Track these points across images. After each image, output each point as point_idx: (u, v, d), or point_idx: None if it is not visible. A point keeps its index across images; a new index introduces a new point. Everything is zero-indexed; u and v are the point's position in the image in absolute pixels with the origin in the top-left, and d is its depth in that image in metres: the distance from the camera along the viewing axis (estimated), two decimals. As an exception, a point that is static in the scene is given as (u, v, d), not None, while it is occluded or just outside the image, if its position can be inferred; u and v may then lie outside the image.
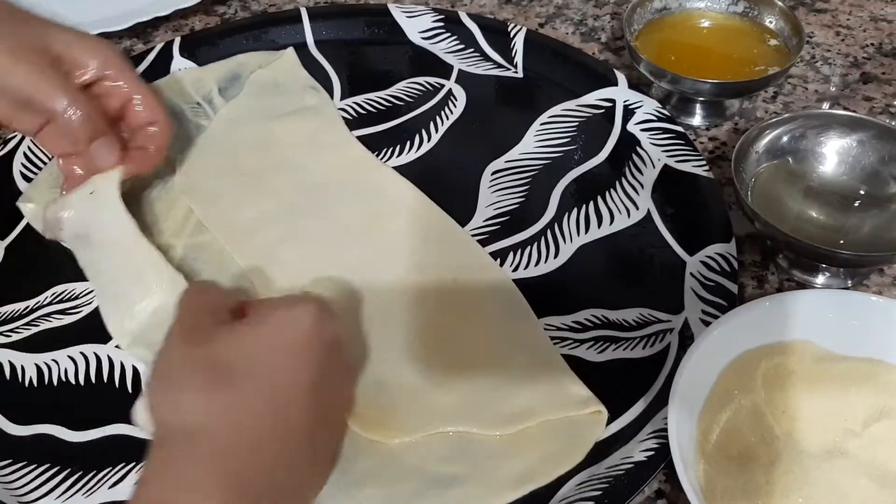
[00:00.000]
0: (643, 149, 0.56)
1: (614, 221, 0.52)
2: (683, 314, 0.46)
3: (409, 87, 0.62)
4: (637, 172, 0.55)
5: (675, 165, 0.54)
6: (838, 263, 0.47)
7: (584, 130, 0.58)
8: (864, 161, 0.50)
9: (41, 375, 0.45)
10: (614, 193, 0.53)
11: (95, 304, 0.48)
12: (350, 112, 0.60)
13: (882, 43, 0.65)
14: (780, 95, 0.61)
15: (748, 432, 0.39)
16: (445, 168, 0.56)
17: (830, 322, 0.42)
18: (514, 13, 0.69)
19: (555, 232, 0.51)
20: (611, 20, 0.69)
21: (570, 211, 0.52)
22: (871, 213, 0.49)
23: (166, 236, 0.51)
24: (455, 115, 0.59)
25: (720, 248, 0.48)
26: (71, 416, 0.43)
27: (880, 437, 0.39)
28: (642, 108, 0.57)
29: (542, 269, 0.49)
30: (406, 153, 0.57)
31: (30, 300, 0.49)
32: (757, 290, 0.49)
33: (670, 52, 0.58)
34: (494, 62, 0.63)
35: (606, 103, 0.59)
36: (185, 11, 0.70)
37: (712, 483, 0.37)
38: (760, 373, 0.41)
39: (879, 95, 0.60)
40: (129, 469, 0.41)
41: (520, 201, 0.53)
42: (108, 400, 0.44)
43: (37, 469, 0.41)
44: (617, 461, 0.39)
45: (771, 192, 0.49)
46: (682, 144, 0.54)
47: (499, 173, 0.55)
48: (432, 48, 0.65)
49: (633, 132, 0.57)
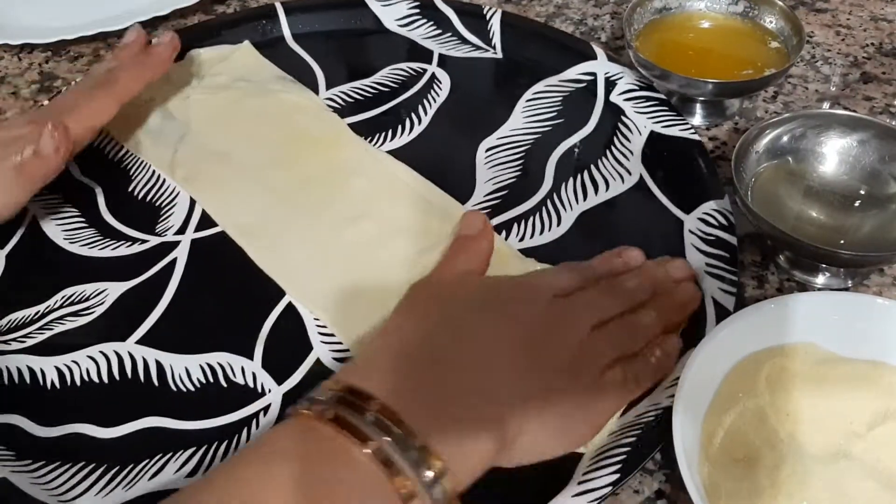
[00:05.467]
0: (628, 117, 0.58)
1: (609, 188, 0.54)
2: (687, 267, 0.48)
3: (393, 74, 0.63)
4: (625, 140, 0.56)
5: (662, 131, 0.56)
6: (838, 263, 0.47)
7: (569, 104, 0.59)
8: (865, 161, 0.50)
9: (62, 377, 0.45)
10: (606, 162, 0.55)
11: (108, 304, 0.48)
12: (337, 101, 0.61)
13: (882, 43, 0.65)
14: (780, 95, 0.61)
15: (752, 435, 0.39)
16: (439, 149, 0.57)
17: (834, 324, 0.41)
18: (514, 12, 0.68)
19: (554, 201, 0.53)
20: (611, 20, 0.69)
21: (566, 181, 0.54)
22: (871, 213, 0.49)
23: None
24: (441, 97, 0.61)
25: (714, 205, 0.50)
26: (99, 414, 0.43)
27: (885, 440, 0.39)
28: (623, 78, 0.59)
29: (547, 237, 0.51)
30: (398, 137, 0.58)
31: (39, 305, 0.48)
32: (757, 290, 0.49)
33: (670, 52, 0.58)
34: (473, 45, 0.65)
35: (588, 77, 0.61)
36: (184, 11, 0.70)
37: (716, 486, 0.37)
38: (764, 375, 0.41)
39: (880, 95, 0.61)
40: (166, 459, 0.41)
41: (517, 175, 0.55)
42: (133, 395, 0.44)
43: (72, 468, 0.41)
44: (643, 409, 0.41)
45: (771, 192, 0.49)
46: (666, 110, 0.57)
47: (492, 150, 0.56)
48: (410, 35, 0.66)
49: (617, 102, 0.59)
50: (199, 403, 0.43)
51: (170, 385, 0.44)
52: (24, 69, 0.67)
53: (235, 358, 0.45)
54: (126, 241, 0.52)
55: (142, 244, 0.51)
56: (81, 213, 0.53)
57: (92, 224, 0.53)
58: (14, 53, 0.68)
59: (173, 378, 0.45)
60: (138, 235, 0.52)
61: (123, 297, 0.49)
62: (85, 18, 0.66)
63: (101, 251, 0.51)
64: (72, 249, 0.51)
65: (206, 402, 0.43)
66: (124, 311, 0.48)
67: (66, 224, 0.53)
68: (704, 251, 0.48)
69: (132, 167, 0.56)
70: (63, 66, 0.67)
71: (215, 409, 0.43)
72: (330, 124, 0.58)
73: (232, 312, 0.48)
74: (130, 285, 0.49)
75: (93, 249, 0.51)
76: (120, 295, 0.49)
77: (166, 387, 0.44)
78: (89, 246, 0.51)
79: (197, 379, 0.44)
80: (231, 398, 0.44)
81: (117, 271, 0.50)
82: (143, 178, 0.56)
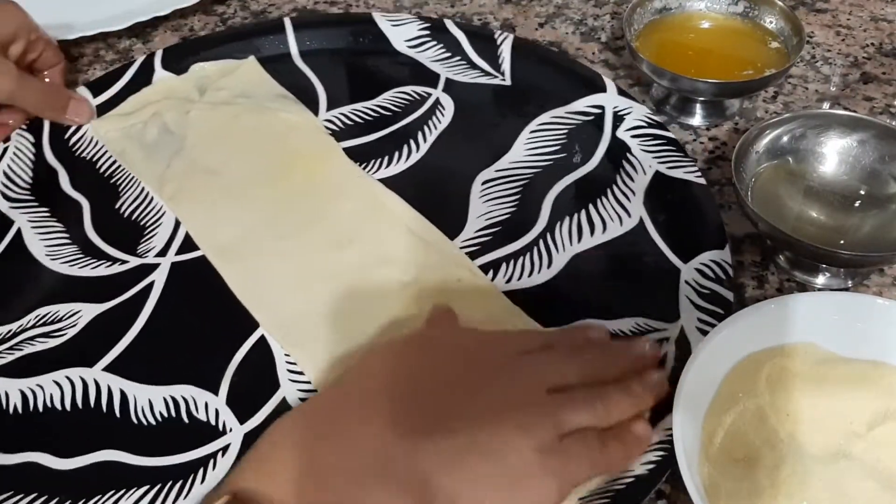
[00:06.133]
0: (634, 155, 0.55)
1: (607, 230, 0.51)
2: (679, 322, 0.45)
3: (396, 97, 0.61)
4: (628, 179, 0.54)
5: (667, 172, 0.53)
6: (839, 263, 0.47)
7: (573, 138, 0.57)
8: (865, 161, 0.50)
9: (25, 402, 0.44)
10: (605, 201, 0.53)
11: (80, 326, 0.47)
12: (337, 123, 0.59)
13: (882, 43, 0.65)
14: (780, 95, 0.61)
15: (752, 435, 0.39)
16: (435, 179, 0.55)
17: (834, 324, 0.41)
18: (514, 13, 0.68)
19: (547, 241, 0.51)
20: (611, 20, 0.69)
21: (563, 220, 0.52)
22: (871, 213, 0.49)
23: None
24: (443, 124, 0.59)
25: (714, 255, 0.48)
26: (57, 443, 0.42)
27: (884, 440, 0.38)
28: (632, 114, 0.57)
29: (536, 279, 0.49)
30: (395, 164, 0.56)
31: (12, 324, 0.48)
32: (757, 291, 0.48)
33: (670, 52, 0.58)
34: (482, 70, 0.63)
35: (596, 110, 0.58)
36: (184, 11, 0.70)
37: (716, 486, 0.37)
38: (764, 375, 0.41)
39: (880, 95, 0.60)
40: (118, 496, 0.40)
41: (511, 210, 0.53)
42: (94, 425, 0.43)
43: (24, 499, 0.40)
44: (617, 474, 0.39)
45: (771, 192, 0.49)
46: (674, 150, 0.54)
47: (489, 183, 0.54)
48: (418, 56, 0.64)
49: (623, 139, 0.56)
50: (158, 438, 0.42)
51: (131, 417, 0.43)
52: (24, 68, 0.68)
53: (200, 392, 0.44)
54: (106, 261, 0.51)
55: (122, 265, 0.50)
56: (66, 229, 0.53)
57: (75, 241, 0.52)
58: (15, 53, 0.69)
59: (135, 410, 0.43)
60: (119, 255, 0.51)
61: (96, 320, 0.48)
62: (85, 18, 0.66)
63: (81, 270, 0.50)
64: (52, 267, 0.51)
65: (166, 438, 0.42)
66: (95, 334, 0.47)
67: (50, 240, 0.52)
68: (699, 306, 0.46)
69: (122, 183, 0.56)
70: (63, 66, 0.68)
71: (174, 445, 0.42)
72: (323, 145, 0.57)
73: (203, 342, 0.46)
74: (105, 308, 0.48)
75: (73, 268, 0.50)
76: (93, 318, 0.48)
77: (128, 419, 0.43)
78: (70, 264, 0.51)
79: (159, 412, 0.43)
80: (191, 435, 0.42)
81: (94, 292, 0.49)
82: (130, 195, 0.55)
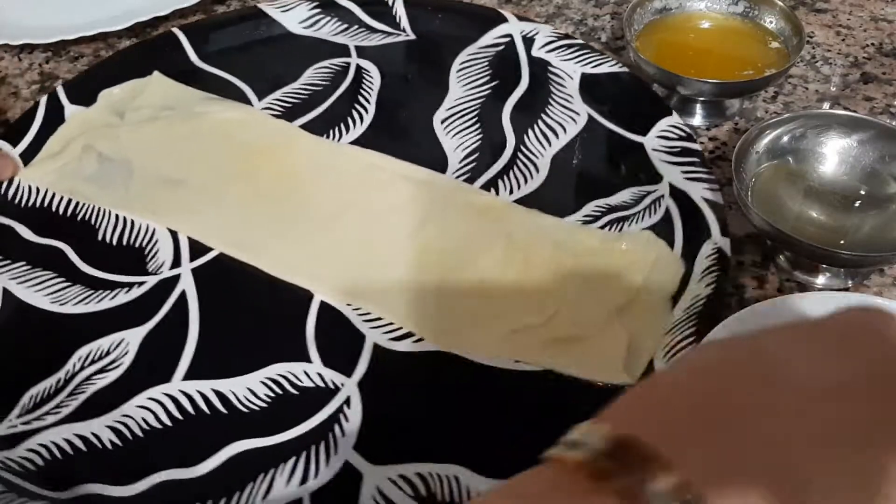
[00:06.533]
0: (556, 66, 0.62)
1: (567, 131, 0.58)
2: (665, 180, 0.53)
3: (319, 72, 0.63)
4: (561, 87, 0.61)
5: (591, 71, 0.60)
6: (839, 264, 0.47)
7: (496, 67, 0.63)
8: (865, 161, 0.50)
9: (120, 434, 0.42)
10: (552, 110, 0.59)
11: (133, 353, 0.46)
12: (276, 108, 0.60)
13: (882, 43, 0.65)
14: (780, 95, 0.61)
15: None
16: (397, 131, 0.58)
17: None
18: (513, 12, 0.66)
19: (524, 152, 0.56)
20: (611, 20, 0.69)
21: (527, 132, 0.57)
22: (871, 213, 0.49)
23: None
24: (376, 85, 0.62)
25: (667, 122, 0.55)
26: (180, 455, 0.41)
27: None
28: (539, 34, 0.63)
29: (532, 185, 0.54)
30: (353, 129, 0.58)
31: (58, 373, 0.45)
32: (757, 291, 0.49)
33: (670, 53, 0.58)
34: (383, 32, 0.66)
35: (504, 39, 0.64)
36: (184, 11, 0.69)
37: None
38: None
39: (880, 95, 0.61)
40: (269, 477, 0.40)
41: (479, 137, 0.57)
42: (206, 428, 0.42)
43: (176, 513, 0.39)
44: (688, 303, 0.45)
45: (771, 192, 0.49)
46: (589, 52, 0.61)
47: (447, 121, 0.59)
48: (318, 34, 0.66)
49: (540, 56, 0.63)
50: (277, 416, 0.43)
51: (239, 409, 0.43)
52: (24, 69, 0.66)
53: (294, 365, 0.45)
54: (123, 288, 0.49)
55: (140, 286, 0.49)
56: (57, 273, 0.50)
57: (74, 280, 0.50)
58: (14, 53, 0.67)
59: (240, 401, 0.43)
60: (131, 280, 0.49)
61: (146, 341, 0.46)
62: (85, 18, 0.67)
63: (99, 304, 0.48)
64: (64, 310, 0.48)
65: (285, 412, 0.43)
66: (153, 354, 0.46)
67: (45, 288, 0.49)
68: (675, 162, 0.53)
69: (90, 217, 0.53)
70: (63, 67, 0.66)
71: (296, 416, 0.43)
72: (279, 130, 0.58)
73: (267, 325, 0.47)
74: (149, 328, 0.47)
75: (88, 305, 0.48)
76: (142, 340, 0.46)
77: (236, 410, 0.43)
78: (84, 302, 0.48)
79: (264, 395, 0.44)
80: (308, 401, 0.43)
81: (128, 319, 0.47)
82: (107, 224, 0.53)
